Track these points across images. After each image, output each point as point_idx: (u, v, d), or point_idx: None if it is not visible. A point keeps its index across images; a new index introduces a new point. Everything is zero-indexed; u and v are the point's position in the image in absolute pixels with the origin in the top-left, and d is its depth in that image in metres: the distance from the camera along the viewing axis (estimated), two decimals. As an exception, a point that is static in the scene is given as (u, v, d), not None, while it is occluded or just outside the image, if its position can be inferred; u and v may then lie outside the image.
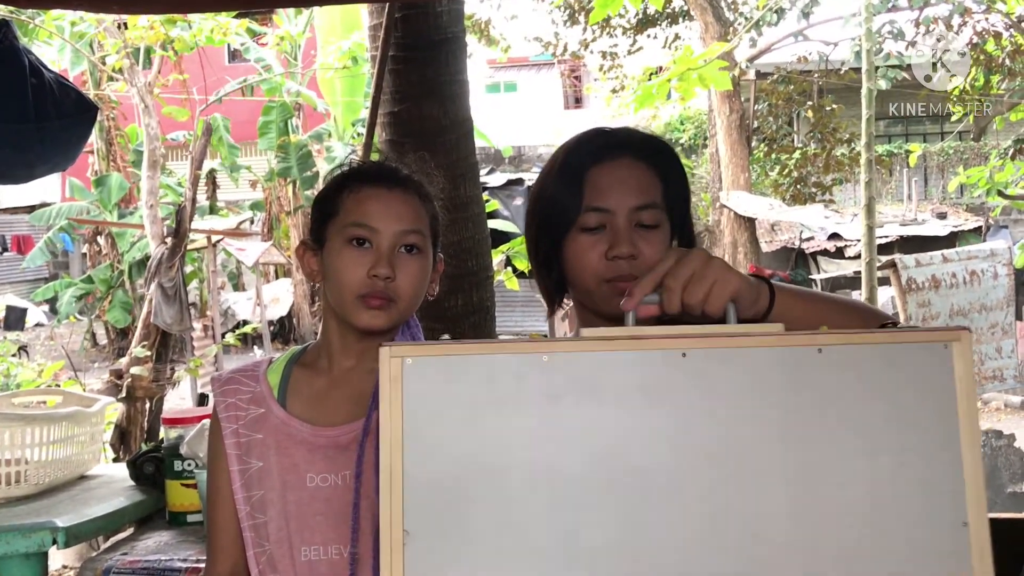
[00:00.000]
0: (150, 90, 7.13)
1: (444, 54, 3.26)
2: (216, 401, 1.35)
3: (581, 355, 0.85)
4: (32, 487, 2.07)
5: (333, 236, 1.29)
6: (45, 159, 2.53)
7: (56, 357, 9.39)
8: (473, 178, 3.47)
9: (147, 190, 6.88)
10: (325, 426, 1.30)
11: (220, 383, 1.36)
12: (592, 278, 1.20)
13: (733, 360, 0.85)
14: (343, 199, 1.30)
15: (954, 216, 14.33)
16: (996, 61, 10.33)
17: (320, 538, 1.26)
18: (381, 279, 1.25)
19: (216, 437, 1.34)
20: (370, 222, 1.27)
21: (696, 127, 17.69)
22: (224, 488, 1.31)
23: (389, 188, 1.30)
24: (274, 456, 1.30)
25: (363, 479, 1.24)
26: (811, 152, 11.94)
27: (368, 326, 1.27)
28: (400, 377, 0.84)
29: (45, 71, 2.42)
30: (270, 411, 1.32)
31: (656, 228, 1.21)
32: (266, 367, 1.37)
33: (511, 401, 0.84)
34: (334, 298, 1.29)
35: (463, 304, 3.44)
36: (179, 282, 5.75)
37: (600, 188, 1.20)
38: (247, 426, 1.32)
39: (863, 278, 5.58)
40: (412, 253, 1.28)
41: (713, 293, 0.96)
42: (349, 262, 1.26)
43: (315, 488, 1.28)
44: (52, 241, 13.24)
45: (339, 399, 1.32)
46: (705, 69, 4.36)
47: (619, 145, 1.24)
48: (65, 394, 2.62)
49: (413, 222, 1.29)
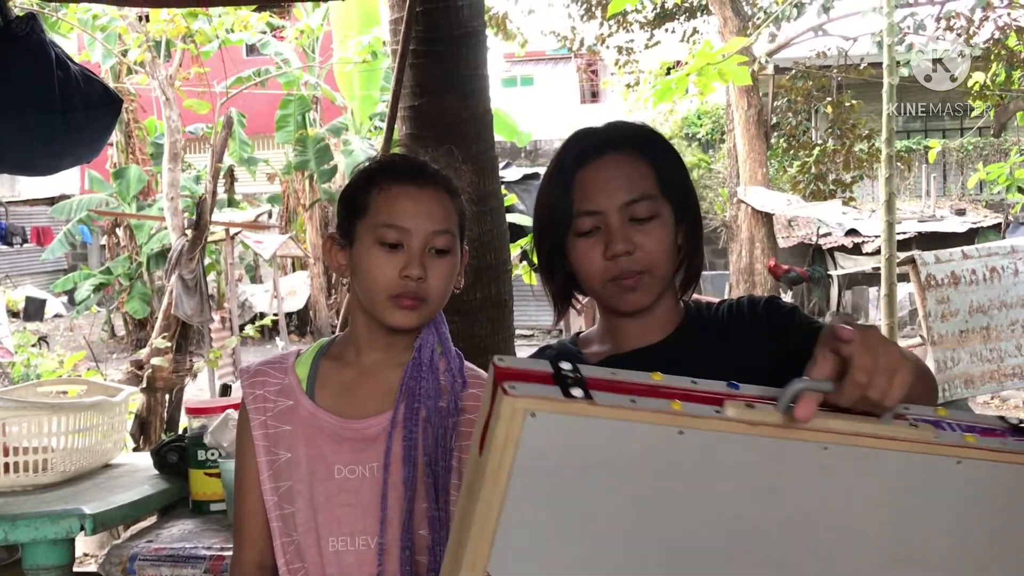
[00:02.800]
0: (171, 83, 7.18)
1: (465, 48, 3.27)
2: (244, 393, 1.36)
3: (718, 435, 0.78)
4: (58, 475, 2.10)
5: (363, 235, 1.29)
6: (71, 151, 2.55)
7: (75, 348, 9.48)
8: (492, 172, 3.48)
9: (168, 182, 6.93)
10: (353, 418, 1.31)
11: (249, 375, 1.37)
12: (596, 280, 1.22)
13: (873, 460, 0.80)
14: (373, 197, 1.30)
15: (973, 213, 14.22)
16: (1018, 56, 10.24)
17: (347, 529, 1.27)
18: (413, 280, 1.26)
19: (244, 429, 1.35)
20: (402, 223, 1.27)
21: (714, 122, 17.60)
22: (252, 479, 1.33)
23: (420, 186, 1.29)
24: (303, 447, 1.30)
25: (390, 471, 1.26)
26: (830, 148, 11.87)
27: (400, 326, 1.28)
28: (520, 429, 0.75)
29: (71, 64, 2.44)
30: (299, 403, 1.33)
31: (653, 219, 1.21)
32: (294, 359, 1.38)
33: (633, 472, 0.77)
34: (364, 296, 1.30)
35: (481, 298, 3.45)
36: (199, 274, 5.79)
37: (588, 191, 1.21)
38: (276, 418, 1.33)
39: (883, 274, 5.55)
40: (442, 255, 1.29)
41: (894, 385, 0.81)
42: (381, 263, 1.27)
43: (343, 480, 1.29)
44: (71, 233, 13.34)
45: (367, 391, 1.33)
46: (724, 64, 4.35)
47: (604, 144, 1.24)
48: (89, 383, 2.65)
49: (443, 222, 1.29)
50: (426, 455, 1.27)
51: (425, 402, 1.29)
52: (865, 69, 11.47)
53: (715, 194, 14.98)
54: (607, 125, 1.29)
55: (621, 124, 1.29)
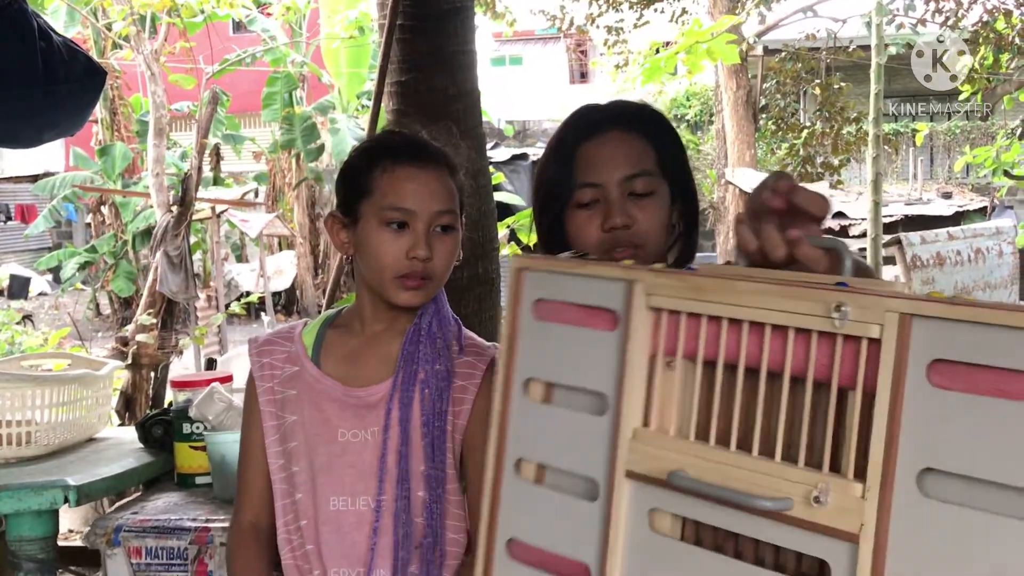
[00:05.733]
0: (156, 58, 7.10)
1: (453, 24, 3.25)
2: (252, 362, 1.42)
3: None
4: (41, 448, 2.09)
5: (368, 215, 1.33)
6: (53, 123, 2.52)
7: (60, 326, 9.43)
8: (480, 150, 3.47)
9: (153, 158, 6.87)
10: (356, 386, 1.36)
11: (257, 345, 1.43)
12: (592, 251, 1.23)
13: None
14: (376, 178, 1.33)
15: (959, 196, 14.28)
16: (1006, 39, 10.25)
17: (348, 489, 1.33)
18: (420, 260, 1.30)
19: (251, 397, 1.41)
20: (407, 205, 1.30)
21: (702, 103, 17.59)
22: (255, 446, 1.39)
23: (423, 167, 1.33)
24: (307, 411, 1.36)
25: (390, 433, 1.32)
26: (819, 131, 11.88)
27: (407, 304, 1.33)
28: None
29: (54, 34, 2.41)
30: (304, 369, 1.38)
31: (650, 195, 1.24)
32: (301, 328, 1.44)
33: None
34: (370, 275, 1.34)
35: (469, 276, 3.44)
36: (185, 251, 5.76)
37: (590, 163, 1.24)
38: (282, 383, 1.39)
39: (868, 254, 5.58)
40: (446, 232, 1.34)
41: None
42: (387, 244, 1.31)
43: (345, 443, 1.34)
44: (56, 210, 13.23)
45: (369, 359, 1.38)
46: (713, 42, 4.34)
47: (608, 119, 1.28)
48: (73, 358, 2.64)
49: (447, 201, 1.33)
50: (423, 416, 1.32)
51: (423, 365, 1.34)
52: (854, 51, 11.47)
53: (703, 176, 14.98)
54: (610, 103, 1.33)
55: (624, 102, 1.34)
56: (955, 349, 0.64)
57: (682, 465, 0.76)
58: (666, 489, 0.76)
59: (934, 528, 0.64)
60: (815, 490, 0.69)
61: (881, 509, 0.66)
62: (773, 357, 0.73)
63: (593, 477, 0.81)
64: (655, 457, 0.77)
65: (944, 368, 0.65)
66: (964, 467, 0.63)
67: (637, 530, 0.79)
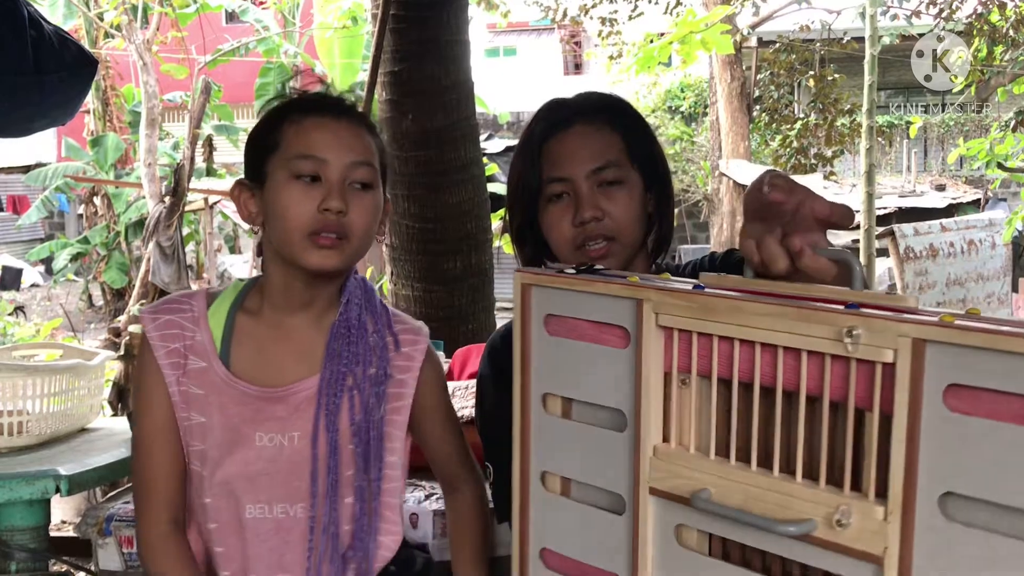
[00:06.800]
0: (148, 47, 7.07)
1: (446, 14, 3.24)
2: (149, 335, 1.22)
3: None
4: (33, 438, 2.08)
5: (275, 171, 1.18)
6: (44, 112, 2.51)
7: (52, 317, 9.40)
8: (473, 139, 3.47)
9: (145, 148, 6.85)
10: (272, 386, 1.22)
11: (153, 313, 1.24)
12: (566, 247, 1.24)
13: None
14: (284, 131, 1.19)
15: (953, 188, 14.30)
16: (1000, 32, 10.25)
17: (264, 497, 1.21)
18: (333, 213, 1.15)
19: (148, 371, 1.22)
20: (318, 152, 1.16)
21: (696, 95, 17.56)
22: (160, 427, 1.22)
23: (335, 117, 1.21)
24: (216, 415, 1.21)
25: (318, 441, 1.20)
26: (812, 123, 11.87)
27: (320, 266, 1.17)
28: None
29: (44, 23, 2.40)
30: (212, 367, 1.22)
31: (620, 185, 1.24)
32: (206, 305, 1.25)
33: None
34: (279, 239, 1.18)
35: (462, 267, 3.45)
36: (177, 241, 5.74)
37: (556, 158, 1.24)
38: (188, 376, 1.22)
39: (861, 246, 5.58)
40: (365, 188, 1.20)
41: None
42: (296, 197, 1.16)
43: (261, 448, 1.21)
44: (49, 201, 13.17)
45: (286, 355, 1.24)
46: (707, 32, 4.33)
47: (573, 113, 1.27)
48: (65, 348, 2.63)
49: (363, 153, 1.20)
50: (352, 424, 1.21)
51: (352, 368, 1.21)
52: (848, 43, 11.46)
53: (697, 167, 14.97)
54: (577, 96, 1.32)
55: (590, 94, 1.32)
56: (970, 374, 0.63)
57: (705, 484, 0.76)
58: (691, 508, 0.77)
59: (958, 552, 0.64)
60: (837, 513, 0.69)
61: (904, 532, 0.66)
62: (787, 377, 0.73)
63: (618, 492, 0.82)
64: (678, 475, 0.78)
65: (961, 393, 0.63)
66: (986, 492, 0.63)
67: (665, 544, 0.80)
